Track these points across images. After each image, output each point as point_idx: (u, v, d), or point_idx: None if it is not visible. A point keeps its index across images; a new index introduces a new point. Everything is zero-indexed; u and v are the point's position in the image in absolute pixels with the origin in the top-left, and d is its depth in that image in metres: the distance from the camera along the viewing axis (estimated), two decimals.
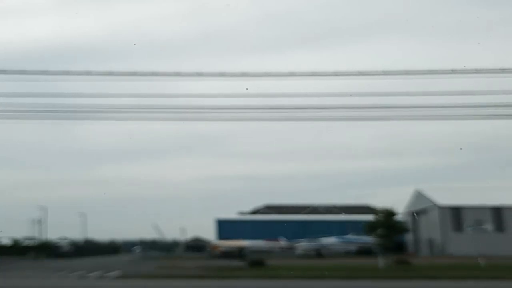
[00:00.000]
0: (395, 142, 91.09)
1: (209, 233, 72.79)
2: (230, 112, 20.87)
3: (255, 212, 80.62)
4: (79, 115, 22.12)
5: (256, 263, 37.51)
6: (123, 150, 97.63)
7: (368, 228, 52.92)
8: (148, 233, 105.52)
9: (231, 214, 72.63)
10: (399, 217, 56.48)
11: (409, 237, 59.08)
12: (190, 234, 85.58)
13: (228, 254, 54.39)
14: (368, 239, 54.95)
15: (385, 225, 51.63)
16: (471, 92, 19.35)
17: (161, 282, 25.82)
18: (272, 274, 30.40)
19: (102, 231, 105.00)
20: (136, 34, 77.58)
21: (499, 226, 51.90)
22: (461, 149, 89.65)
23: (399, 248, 54.86)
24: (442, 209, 53.01)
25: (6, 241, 66.17)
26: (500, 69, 19.21)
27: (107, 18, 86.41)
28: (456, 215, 52.72)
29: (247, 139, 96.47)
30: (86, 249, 71.12)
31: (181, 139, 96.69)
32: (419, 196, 57.79)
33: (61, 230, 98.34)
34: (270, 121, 23.22)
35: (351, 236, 58.46)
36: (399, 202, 71.39)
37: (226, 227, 66.47)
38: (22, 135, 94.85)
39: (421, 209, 56.57)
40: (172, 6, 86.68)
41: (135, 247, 72.80)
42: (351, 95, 20.19)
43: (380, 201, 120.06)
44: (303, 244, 56.60)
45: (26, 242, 69.64)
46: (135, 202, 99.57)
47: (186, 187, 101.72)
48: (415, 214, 57.37)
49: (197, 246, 78.80)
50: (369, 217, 55.31)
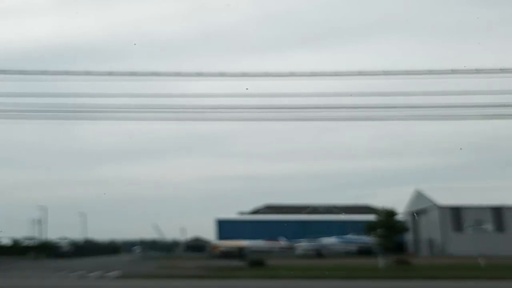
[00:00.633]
0: (395, 142, 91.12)
1: (209, 233, 72.86)
2: (230, 112, 20.91)
3: (255, 212, 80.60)
4: (79, 115, 22.16)
5: (256, 263, 37.51)
6: (123, 150, 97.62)
7: (368, 228, 52.91)
8: (148, 233, 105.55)
9: (231, 214, 72.62)
10: (399, 217, 56.47)
11: (409, 237, 59.06)
12: (190, 234, 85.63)
13: (228, 254, 54.37)
14: (368, 239, 54.95)
15: (385, 225, 51.63)
16: (471, 92, 19.36)
17: (161, 282, 25.81)
18: (272, 274, 30.40)
19: (102, 231, 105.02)
20: (136, 34, 77.55)
21: (499, 226, 51.89)
22: (461, 149, 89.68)
23: (399, 248, 54.84)
24: (442, 209, 53.00)
25: (6, 241, 66.19)
26: (500, 69, 19.22)
27: (107, 18, 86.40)
28: (456, 215, 52.71)
29: (247, 139, 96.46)
30: (86, 249, 71.09)
31: (181, 139, 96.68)
32: (419, 196, 57.77)
33: (61, 230, 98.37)
34: (270, 121, 23.23)
35: (351, 236, 58.45)
36: (399, 202, 71.35)
37: (226, 227, 66.43)
38: (22, 135, 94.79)
39: (421, 209, 56.56)
40: (172, 6, 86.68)
41: (135, 247, 72.79)
42: (351, 95, 20.22)
43: (380, 201, 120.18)
44: (303, 244, 56.59)
45: (26, 242, 69.62)
46: (135, 202, 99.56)
47: (186, 187, 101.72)
48: (415, 214, 57.35)
49: (197, 246, 78.77)
50: (369, 217, 55.30)
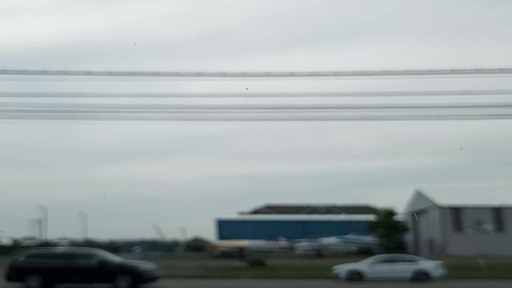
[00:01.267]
0: (395, 142, 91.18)
1: (209, 233, 72.81)
2: (230, 112, 20.87)
3: (255, 212, 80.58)
4: (79, 115, 22.13)
5: (256, 263, 37.54)
6: (123, 150, 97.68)
7: (368, 228, 52.91)
8: (148, 233, 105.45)
9: (231, 214, 72.58)
10: (399, 217, 56.47)
11: (409, 237, 59.04)
12: (190, 234, 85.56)
13: (228, 254, 54.38)
14: (368, 239, 54.96)
15: (385, 225, 51.66)
16: (471, 92, 19.33)
17: (161, 282, 25.79)
18: (272, 274, 30.42)
19: (102, 231, 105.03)
20: (136, 34, 77.73)
21: (499, 226, 51.86)
22: (461, 149, 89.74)
23: (399, 248, 54.78)
24: (442, 209, 52.97)
25: (6, 241, 66.06)
26: (500, 69, 19.20)
27: (107, 18, 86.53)
28: (456, 215, 52.69)
29: (247, 139, 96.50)
30: None
31: (181, 139, 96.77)
32: (419, 196, 57.75)
33: (61, 230, 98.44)
34: (270, 121, 23.19)
35: (351, 236, 58.44)
36: (399, 202, 71.36)
37: (226, 227, 66.38)
38: (22, 135, 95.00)
39: (421, 209, 56.53)
40: (172, 6, 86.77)
41: (135, 247, 72.71)
42: (351, 95, 20.18)
43: (380, 201, 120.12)
44: (303, 244, 56.57)
45: (26, 242, 69.53)
46: (135, 202, 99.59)
47: (186, 187, 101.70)
48: (415, 214, 57.32)
49: (197, 246, 78.77)
50: (369, 217, 55.31)
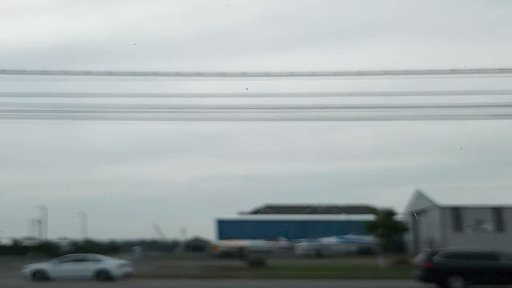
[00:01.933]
0: (395, 142, 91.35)
1: (209, 233, 72.82)
2: (230, 112, 20.87)
3: (255, 212, 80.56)
4: (79, 115, 22.14)
5: (256, 263, 37.55)
6: (123, 150, 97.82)
7: (368, 228, 52.88)
8: (148, 233, 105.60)
9: (231, 214, 72.57)
10: (399, 217, 56.44)
11: (409, 237, 59.02)
12: (190, 234, 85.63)
13: (228, 254, 54.39)
14: (368, 239, 54.93)
15: (385, 225, 51.59)
16: (471, 92, 19.34)
17: (161, 282, 25.81)
18: (272, 274, 30.43)
19: (102, 231, 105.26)
20: (136, 34, 77.75)
21: (499, 226, 51.78)
22: (461, 149, 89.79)
23: (399, 248, 54.81)
24: (442, 209, 52.90)
25: (6, 241, 66.02)
26: (500, 69, 19.21)
27: (107, 18, 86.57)
28: (456, 215, 52.62)
29: (247, 139, 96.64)
30: (86, 249, 70.92)
31: (181, 139, 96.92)
32: (419, 196, 57.71)
33: (61, 230, 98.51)
34: (270, 121, 23.22)
35: (351, 236, 58.44)
36: (399, 202, 71.48)
37: (226, 227, 66.35)
38: (22, 135, 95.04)
39: (421, 209, 56.49)
40: (172, 6, 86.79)
41: (135, 247, 72.71)
42: (351, 95, 20.18)
43: (380, 201, 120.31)
44: (303, 244, 56.58)
45: (26, 242, 69.52)
46: (135, 202, 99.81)
47: (186, 187, 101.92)
48: (415, 214, 57.27)
49: (197, 246, 78.80)
50: (369, 217, 55.26)
